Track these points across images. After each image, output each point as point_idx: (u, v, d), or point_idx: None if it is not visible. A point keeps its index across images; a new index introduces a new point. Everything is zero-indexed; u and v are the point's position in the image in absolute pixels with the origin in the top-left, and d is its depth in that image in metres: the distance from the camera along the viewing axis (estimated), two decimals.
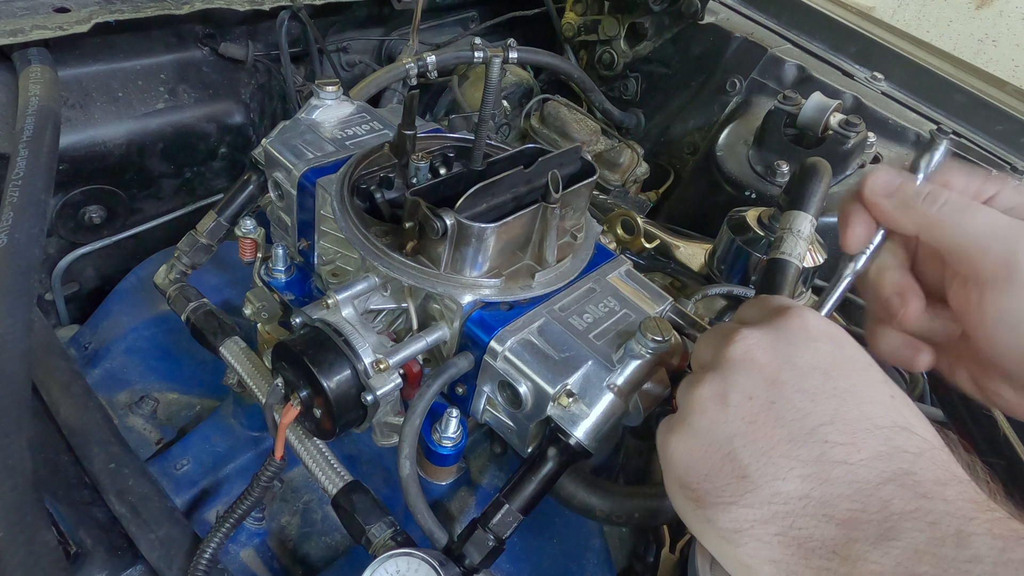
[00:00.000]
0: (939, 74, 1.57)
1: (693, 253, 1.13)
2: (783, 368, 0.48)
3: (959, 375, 0.60)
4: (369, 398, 0.71)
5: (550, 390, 0.66)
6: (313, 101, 0.95)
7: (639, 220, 1.10)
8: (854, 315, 1.06)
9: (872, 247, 0.58)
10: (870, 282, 0.60)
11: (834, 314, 0.64)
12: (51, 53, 1.14)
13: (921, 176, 0.56)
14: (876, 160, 1.38)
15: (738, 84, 1.54)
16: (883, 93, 1.53)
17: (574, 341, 0.70)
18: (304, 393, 0.73)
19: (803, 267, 0.73)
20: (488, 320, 0.71)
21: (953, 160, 0.57)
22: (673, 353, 0.70)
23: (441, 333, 0.74)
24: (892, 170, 0.56)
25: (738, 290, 1.03)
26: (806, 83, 1.50)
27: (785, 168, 1.29)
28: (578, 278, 0.78)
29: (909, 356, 0.60)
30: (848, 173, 1.32)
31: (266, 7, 1.34)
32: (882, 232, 0.58)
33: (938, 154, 0.56)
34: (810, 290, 1.09)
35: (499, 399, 0.72)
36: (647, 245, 1.11)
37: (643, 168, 1.48)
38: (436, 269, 0.71)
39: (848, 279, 0.60)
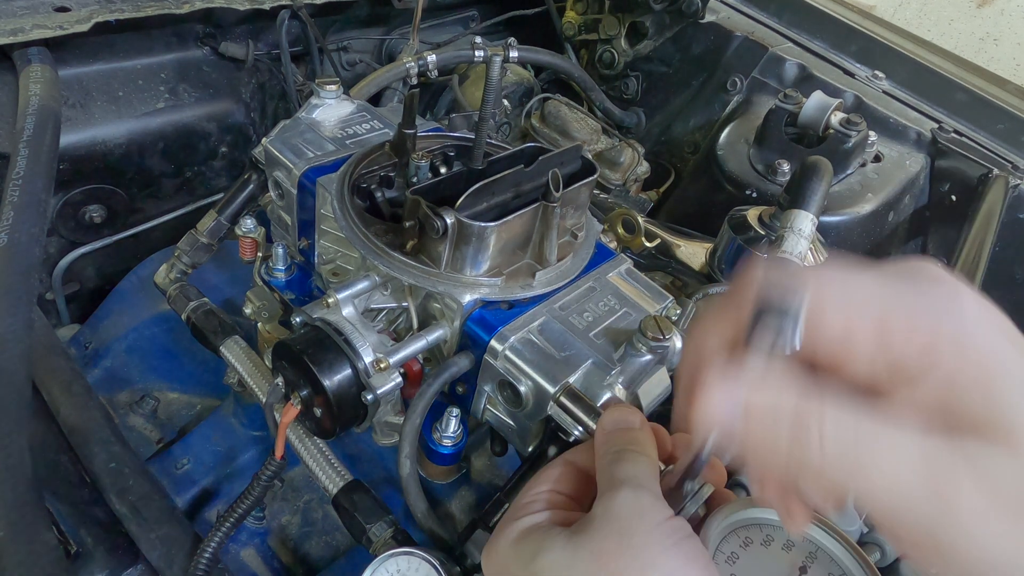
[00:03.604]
0: (940, 73, 1.57)
1: (694, 252, 1.13)
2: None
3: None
4: (369, 397, 0.71)
5: (550, 389, 0.66)
6: (313, 100, 0.95)
7: (640, 219, 1.09)
8: None
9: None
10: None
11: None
12: (51, 52, 1.14)
13: (788, 346, 0.38)
14: (877, 159, 1.38)
15: (739, 83, 1.54)
16: (884, 92, 1.53)
17: (574, 340, 0.70)
18: (304, 392, 0.72)
19: (804, 266, 0.73)
20: (488, 319, 0.71)
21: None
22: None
23: (441, 332, 0.74)
24: (729, 372, 0.38)
25: None
26: (807, 82, 1.50)
27: (786, 167, 1.29)
28: (579, 277, 0.77)
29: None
30: (849, 172, 1.32)
31: (266, 6, 1.34)
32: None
33: (798, 318, 0.38)
34: None
35: (499, 398, 0.72)
36: (648, 244, 1.11)
37: (644, 167, 1.48)
38: (436, 268, 0.71)
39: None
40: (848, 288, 0.37)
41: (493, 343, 0.69)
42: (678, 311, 0.79)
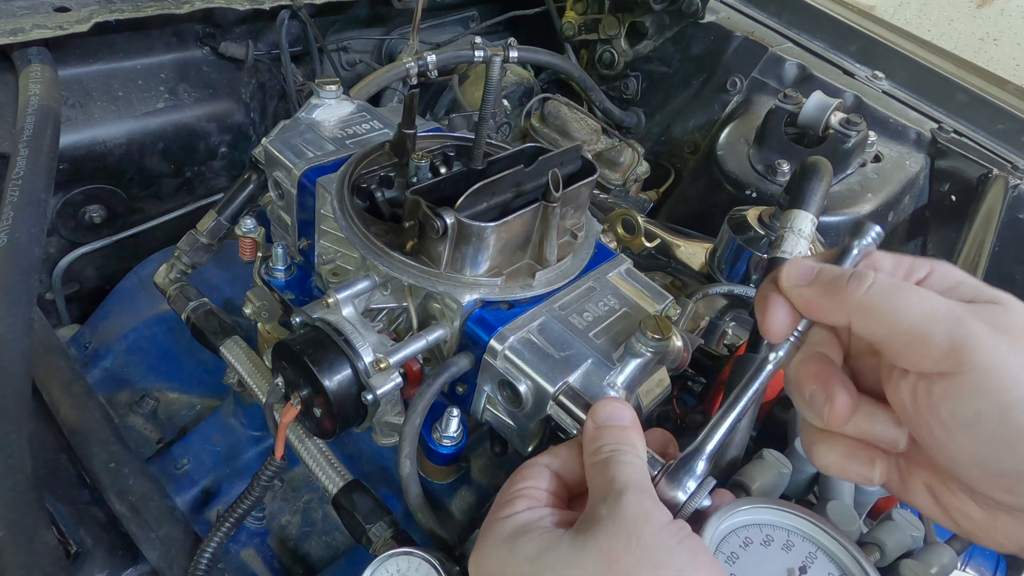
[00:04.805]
0: (940, 73, 1.57)
1: (694, 252, 1.13)
2: None
3: (914, 490, 0.48)
4: (369, 397, 0.70)
5: (550, 389, 0.66)
6: (313, 100, 0.95)
7: (640, 219, 1.09)
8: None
9: (795, 337, 0.51)
10: (792, 380, 0.50)
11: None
12: (51, 52, 1.14)
13: (848, 262, 0.50)
14: (877, 159, 1.38)
15: (739, 83, 1.54)
16: (884, 92, 1.53)
17: (574, 340, 0.70)
18: (304, 392, 0.72)
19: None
20: (488, 319, 0.71)
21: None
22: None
23: (441, 332, 0.74)
24: (810, 260, 0.50)
25: (739, 289, 1.02)
26: (807, 82, 1.50)
27: (786, 167, 1.29)
28: (578, 277, 0.77)
29: (855, 469, 0.49)
30: (849, 172, 1.32)
31: (266, 6, 1.34)
32: (805, 321, 0.50)
33: (868, 239, 0.50)
34: None
35: (499, 398, 0.72)
36: (647, 244, 1.11)
37: (643, 167, 1.48)
38: (436, 268, 0.71)
39: (759, 382, 0.52)
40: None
41: (493, 343, 0.69)
42: (678, 311, 0.79)
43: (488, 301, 0.72)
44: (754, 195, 1.30)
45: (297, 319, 0.77)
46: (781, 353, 0.51)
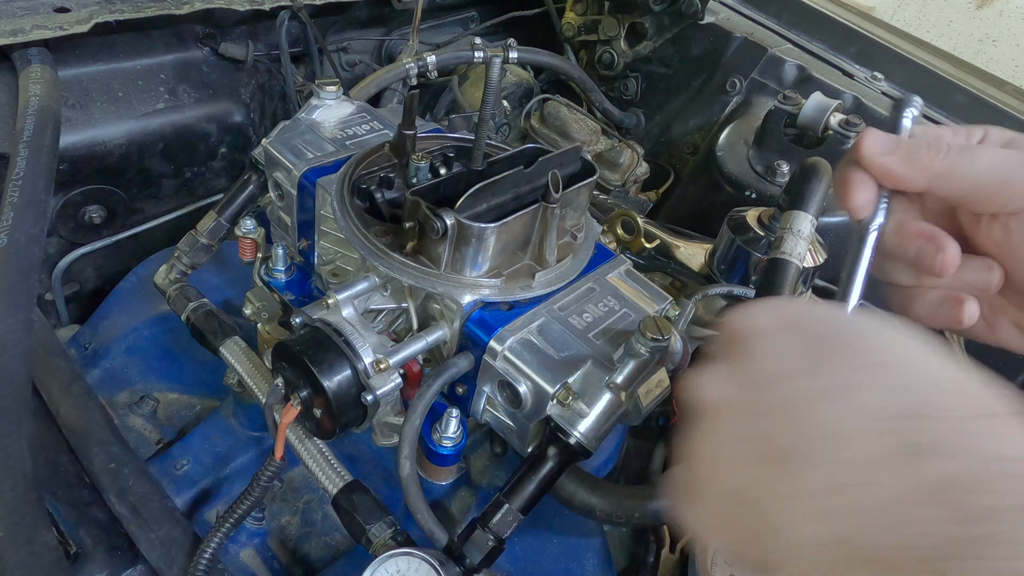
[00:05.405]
0: (939, 74, 1.57)
1: (693, 253, 1.13)
2: (745, 394, 0.40)
3: (1002, 330, 0.55)
4: (369, 398, 0.71)
5: (550, 389, 0.66)
6: (313, 101, 0.95)
7: (639, 220, 1.10)
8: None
9: (882, 209, 0.55)
10: (892, 244, 0.55)
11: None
12: (51, 53, 1.14)
13: (904, 133, 0.55)
14: None
15: (738, 84, 1.54)
16: (883, 93, 1.53)
17: (574, 340, 0.70)
18: (304, 393, 0.72)
19: (803, 267, 0.73)
20: (488, 320, 0.71)
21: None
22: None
23: (441, 333, 0.74)
24: (882, 132, 0.54)
25: (738, 290, 1.03)
26: (806, 83, 1.50)
27: (785, 168, 1.29)
28: (578, 278, 0.78)
29: (953, 312, 0.54)
30: None
31: (266, 7, 1.34)
32: (885, 195, 0.55)
33: (916, 110, 0.56)
34: (810, 290, 1.09)
35: (499, 399, 0.72)
36: (647, 245, 1.11)
37: (643, 168, 1.48)
38: (436, 269, 0.71)
39: (868, 250, 0.55)
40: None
41: (492, 344, 0.69)
42: (677, 312, 0.79)
43: (488, 302, 0.72)
44: (753, 196, 1.30)
45: (297, 320, 0.77)
46: (880, 219, 0.54)
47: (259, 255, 0.93)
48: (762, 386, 0.39)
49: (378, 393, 0.70)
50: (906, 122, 0.55)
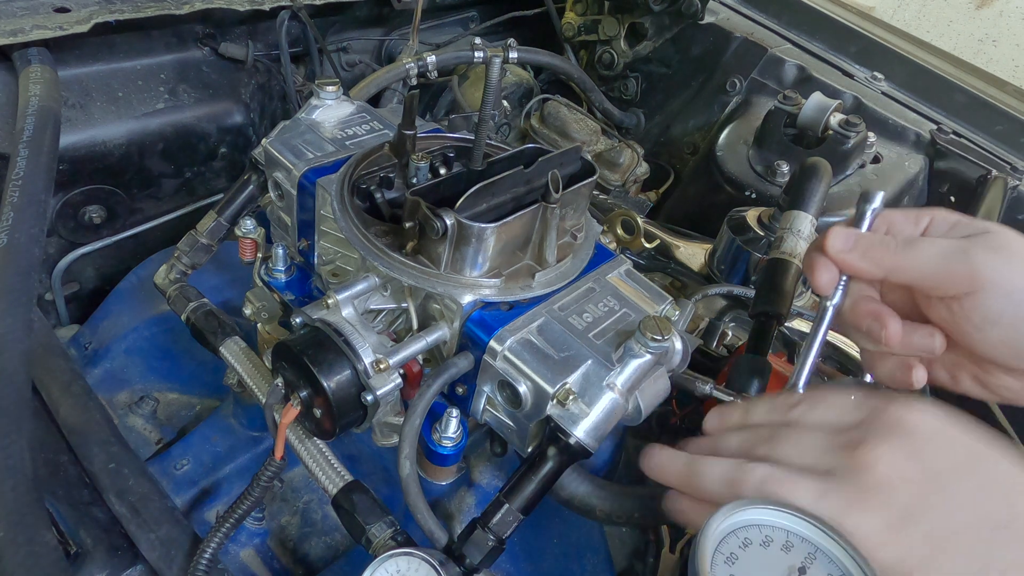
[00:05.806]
0: (939, 74, 1.57)
1: (693, 253, 1.14)
2: (928, 480, 0.51)
3: (963, 382, 0.64)
4: (369, 398, 0.71)
5: (549, 389, 0.66)
6: (313, 101, 0.95)
7: (639, 220, 1.10)
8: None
9: (842, 284, 0.64)
10: (848, 319, 0.64)
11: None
12: (51, 53, 1.14)
13: (866, 225, 0.63)
14: (876, 160, 1.38)
15: (738, 84, 1.55)
16: (883, 93, 1.53)
17: (574, 340, 0.70)
18: (304, 393, 0.72)
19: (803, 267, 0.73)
20: (488, 320, 0.71)
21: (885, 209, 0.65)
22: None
23: (441, 333, 0.74)
24: (846, 228, 0.63)
25: (738, 290, 1.03)
26: (806, 83, 1.50)
27: (785, 168, 1.29)
28: (578, 278, 0.78)
29: (905, 376, 0.64)
30: (848, 173, 1.32)
31: (266, 7, 1.34)
32: (844, 277, 0.64)
33: (876, 204, 0.64)
34: (810, 290, 1.09)
35: (499, 399, 0.72)
36: (647, 245, 1.11)
37: (643, 168, 1.48)
38: (436, 269, 0.71)
39: (826, 324, 0.65)
40: None
41: (492, 344, 0.69)
42: (677, 312, 0.79)
43: (488, 302, 0.72)
44: (753, 196, 1.30)
45: (297, 320, 0.77)
46: (836, 300, 0.64)
47: (259, 255, 0.93)
48: (939, 477, 0.51)
49: (378, 393, 0.70)
50: (868, 216, 0.63)
